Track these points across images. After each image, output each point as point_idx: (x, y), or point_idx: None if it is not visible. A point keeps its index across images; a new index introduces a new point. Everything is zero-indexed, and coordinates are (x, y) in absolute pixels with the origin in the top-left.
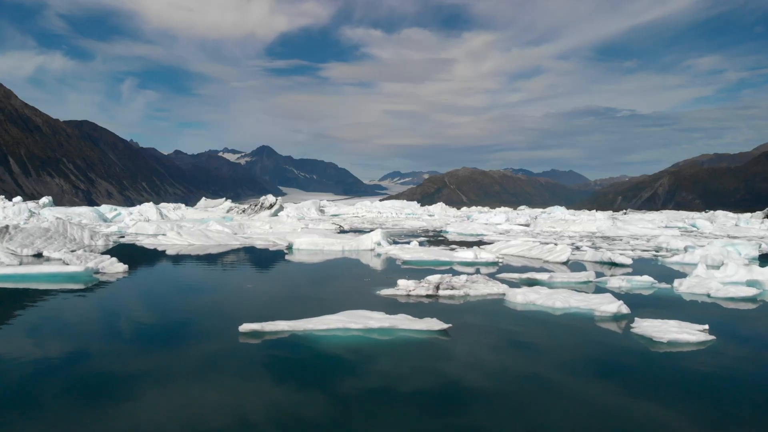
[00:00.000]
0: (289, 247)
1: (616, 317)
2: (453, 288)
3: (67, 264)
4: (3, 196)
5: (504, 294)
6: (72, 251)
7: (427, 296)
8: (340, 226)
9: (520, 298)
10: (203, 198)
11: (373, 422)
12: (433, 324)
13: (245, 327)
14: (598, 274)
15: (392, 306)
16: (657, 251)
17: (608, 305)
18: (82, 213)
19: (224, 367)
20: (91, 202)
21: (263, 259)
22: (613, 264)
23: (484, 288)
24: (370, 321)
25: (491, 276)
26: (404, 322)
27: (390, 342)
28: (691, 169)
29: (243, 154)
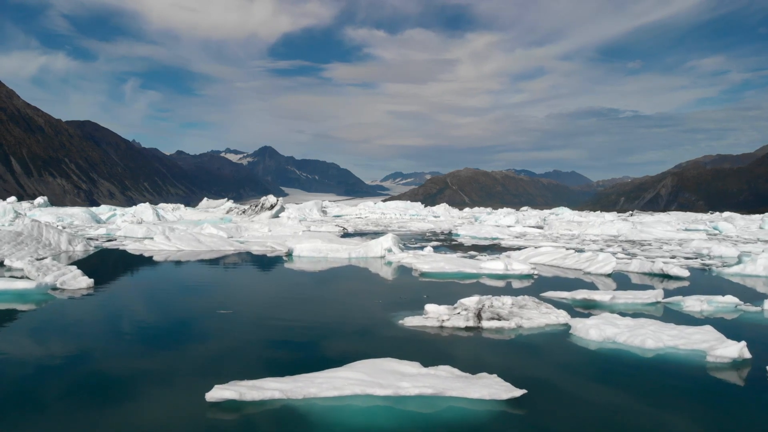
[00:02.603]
0: (289, 254)
1: (737, 364)
2: (499, 317)
3: (26, 276)
4: None
5: (568, 325)
6: (39, 259)
7: (467, 329)
8: (344, 228)
9: (594, 333)
10: (205, 198)
11: None
12: (497, 388)
13: (215, 394)
14: (666, 293)
15: (424, 347)
16: (699, 258)
17: (724, 348)
18: (75, 214)
19: None
20: (93, 203)
21: (257, 268)
22: (666, 276)
23: (539, 316)
24: (401, 382)
25: (536, 296)
26: (452, 383)
27: (436, 422)
28: (694, 170)
29: (245, 154)
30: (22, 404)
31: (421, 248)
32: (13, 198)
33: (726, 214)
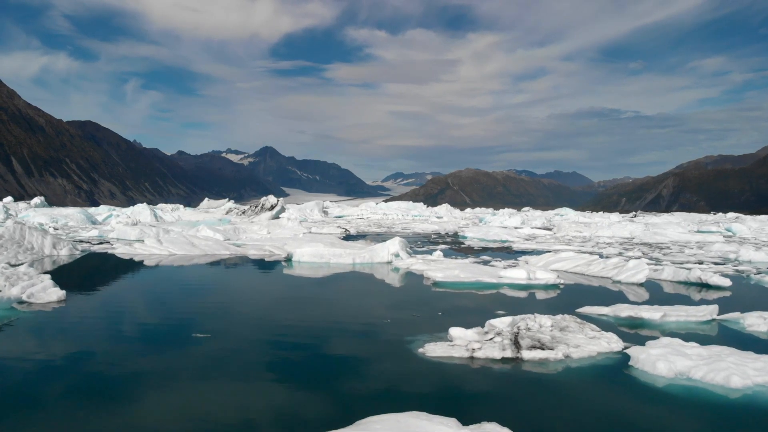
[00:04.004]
0: (288, 259)
1: None
2: (541, 344)
3: None
4: None
5: (625, 355)
6: (15, 265)
7: (504, 360)
8: (346, 229)
9: (663, 367)
10: (206, 199)
11: None
12: None
13: None
14: (722, 308)
15: (457, 390)
16: (729, 263)
17: None
18: (69, 215)
19: None
20: (94, 203)
21: (251, 276)
22: (705, 286)
23: (588, 342)
24: None
25: (571, 312)
26: None
27: None
28: (696, 171)
29: (246, 154)
30: None
31: (430, 252)
32: (9, 198)
33: (730, 214)
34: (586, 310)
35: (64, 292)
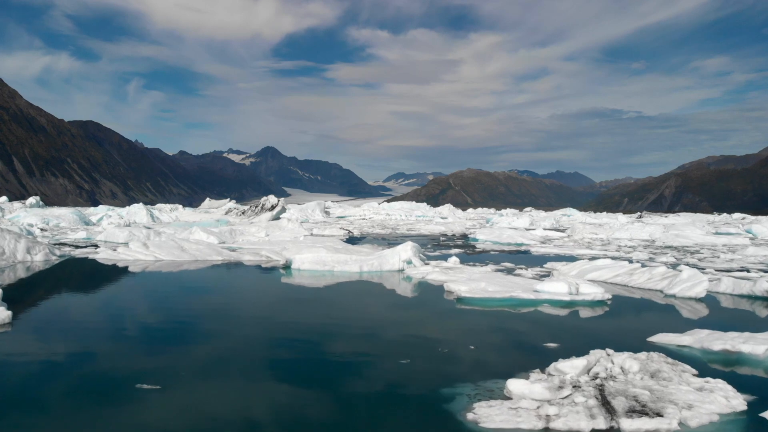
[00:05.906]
0: (287, 266)
1: None
2: (642, 406)
3: None
4: None
5: (760, 417)
6: None
7: None
8: (349, 231)
9: None
10: (207, 199)
11: None
12: None
13: None
14: None
15: None
16: None
17: None
18: (62, 215)
19: None
20: (95, 203)
21: (242, 289)
22: None
23: (699, 399)
24: None
25: (643, 341)
26: None
27: None
28: (698, 171)
29: (248, 155)
30: None
31: (444, 258)
32: (3, 198)
33: (737, 215)
34: (661, 339)
35: (9, 312)
